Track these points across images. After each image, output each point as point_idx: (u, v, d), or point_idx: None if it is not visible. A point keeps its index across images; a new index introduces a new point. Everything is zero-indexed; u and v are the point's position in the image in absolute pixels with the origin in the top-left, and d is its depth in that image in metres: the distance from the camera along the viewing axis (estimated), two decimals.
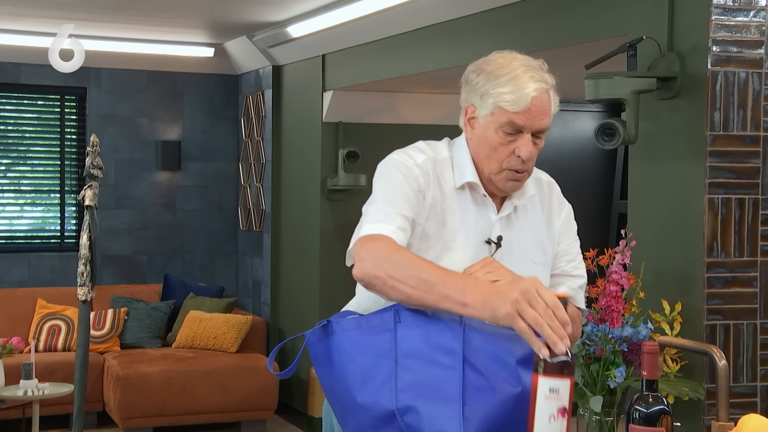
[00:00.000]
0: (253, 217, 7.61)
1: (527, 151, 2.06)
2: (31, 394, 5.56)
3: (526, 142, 2.06)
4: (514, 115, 2.04)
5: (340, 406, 1.95)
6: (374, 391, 1.84)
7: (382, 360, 1.86)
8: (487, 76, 2.07)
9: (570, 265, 2.27)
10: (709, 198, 3.39)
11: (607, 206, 7.56)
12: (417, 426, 1.80)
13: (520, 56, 2.09)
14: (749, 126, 3.42)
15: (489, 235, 2.13)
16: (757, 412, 3.02)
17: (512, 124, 2.05)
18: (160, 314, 7.24)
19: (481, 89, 2.08)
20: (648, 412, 1.66)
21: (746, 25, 3.41)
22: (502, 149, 2.08)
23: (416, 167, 2.11)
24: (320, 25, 6.04)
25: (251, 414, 6.62)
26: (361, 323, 1.91)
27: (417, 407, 1.80)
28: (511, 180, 2.11)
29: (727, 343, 3.41)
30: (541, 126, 2.06)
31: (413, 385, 1.82)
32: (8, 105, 7.50)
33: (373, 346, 1.88)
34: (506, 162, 2.08)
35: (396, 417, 1.81)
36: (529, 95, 2.02)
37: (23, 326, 7.02)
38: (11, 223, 7.59)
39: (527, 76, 2.04)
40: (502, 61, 2.08)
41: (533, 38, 4.39)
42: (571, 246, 2.28)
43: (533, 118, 2.04)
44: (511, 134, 2.06)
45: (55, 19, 6.43)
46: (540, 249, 2.19)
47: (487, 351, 1.84)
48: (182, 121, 7.82)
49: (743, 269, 3.44)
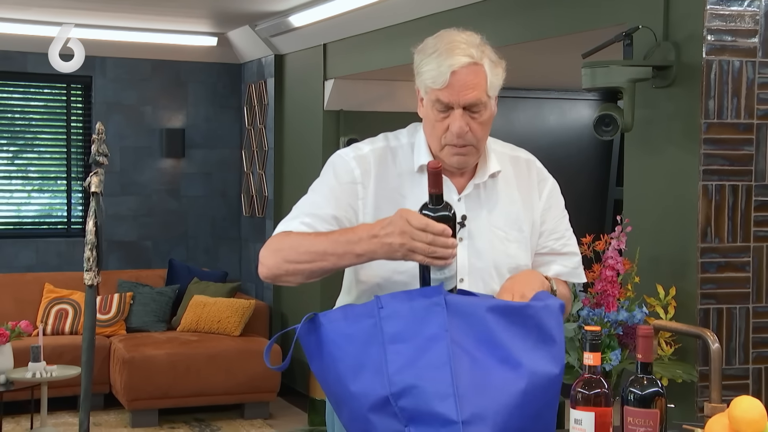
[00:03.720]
0: (255, 204, 7.61)
1: (458, 126, 2.04)
2: (39, 377, 5.57)
3: (456, 117, 2.04)
4: (438, 91, 2.03)
5: (334, 396, 1.93)
6: (366, 380, 1.83)
7: (370, 347, 1.84)
8: (419, 55, 2.08)
9: (559, 243, 2.24)
10: (703, 185, 3.39)
11: (603, 193, 7.57)
12: (412, 408, 1.78)
13: (453, 32, 2.07)
14: (743, 114, 3.42)
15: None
16: (748, 394, 3.02)
17: (439, 101, 2.05)
18: (165, 299, 7.25)
19: (416, 69, 2.10)
20: (643, 394, 1.66)
21: (740, 15, 3.41)
22: (438, 126, 2.08)
23: (353, 160, 2.13)
24: (321, 15, 6.03)
25: (254, 396, 6.64)
26: (347, 313, 1.90)
27: (410, 390, 1.79)
28: (455, 155, 2.09)
29: (720, 326, 3.42)
30: (468, 100, 2.03)
31: (403, 369, 1.81)
32: (15, 93, 7.49)
33: (359, 335, 1.86)
34: (443, 138, 2.08)
35: (390, 402, 1.80)
36: (446, 72, 2.00)
37: (31, 310, 7.03)
38: (19, 209, 7.60)
39: (449, 52, 2.01)
40: (434, 41, 2.07)
41: (531, 28, 4.38)
42: (559, 223, 2.25)
43: (457, 93, 2.02)
44: (443, 111, 2.06)
45: (60, 8, 6.42)
46: (515, 226, 2.16)
47: (473, 325, 1.84)
48: (186, 110, 7.81)
49: (736, 254, 3.44)
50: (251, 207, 7.71)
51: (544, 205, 2.22)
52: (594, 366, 1.68)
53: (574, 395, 1.74)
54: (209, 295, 7.17)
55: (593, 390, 1.74)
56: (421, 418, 1.78)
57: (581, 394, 1.64)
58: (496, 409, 1.77)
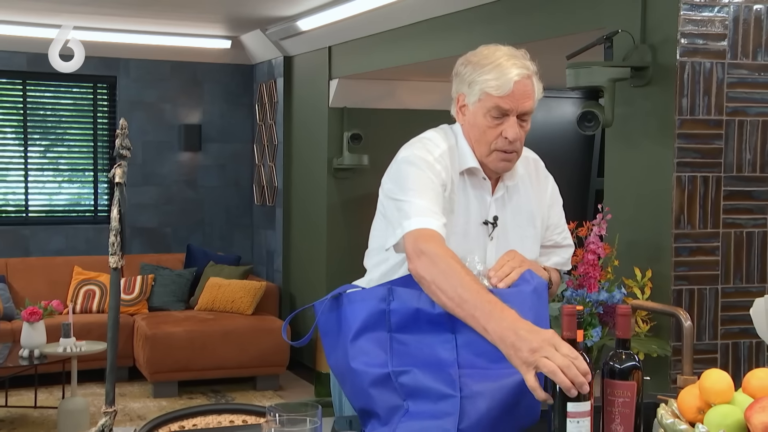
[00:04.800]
0: (266, 193, 7.61)
1: (513, 132, 2.04)
2: (69, 351, 5.58)
3: (512, 124, 2.04)
4: (499, 99, 2.03)
5: (340, 370, 1.92)
6: (370, 358, 1.82)
7: (376, 331, 1.83)
8: (473, 66, 2.06)
9: (561, 236, 2.27)
10: (677, 176, 3.39)
11: (586, 183, 7.56)
12: (411, 385, 1.78)
13: (504, 47, 2.08)
14: (713, 111, 3.41)
15: (486, 217, 2.11)
16: (717, 367, 3.03)
17: (498, 108, 2.04)
18: (183, 280, 7.26)
19: (469, 78, 2.07)
20: (621, 367, 1.66)
21: (711, 20, 3.40)
22: (491, 132, 2.06)
23: (437, 163, 2.06)
24: (327, 20, 6.01)
25: (265, 369, 6.65)
26: (364, 296, 1.88)
27: (411, 370, 1.78)
28: (502, 161, 2.08)
29: (692, 305, 3.42)
30: (524, 108, 2.05)
31: (407, 355, 1.80)
32: (47, 92, 7.48)
33: (369, 318, 1.85)
34: (494, 143, 2.06)
35: (391, 379, 1.79)
36: (511, 80, 2.01)
37: (62, 291, 7.04)
38: (50, 198, 7.59)
39: (510, 63, 2.03)
40: (486, 52, 2.07)
41: (519, 31, 4.37)
42: (560, 218, 2.27)
43: (517, 100, 2.03)
44: (498, 118, 2.05)
45: (86, 14, 6.40)
46: (531, 223, 2.17)
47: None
48: (202, 107, 7.80)
49: (707, 239, 3.44)
50: (262, 196, 7.71)
51: (548, 201, 2.23)
52: (577, 342, 1.67)
53: None
54: (224, 277, 7.17)
55: None
56: (420, 393, 1.77)
57: None
58: (495, 387, 1.76)
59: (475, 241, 2.08)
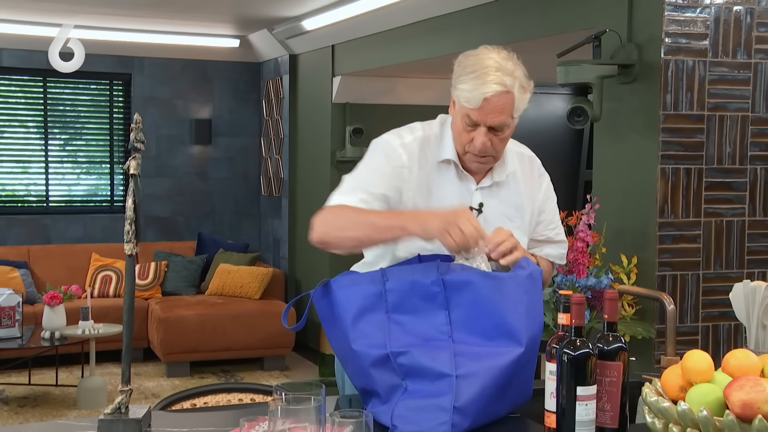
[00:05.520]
0: (273, 184, 7.60)
1: (480, 142, 1.99)
2: (88, 333, 5.59)
3: (480, 134, 1.99)
4: (469, 110, 1.97)
5: (341, 352, 1.91)
6: (369, 340, 1.80)
7: (375, 313, 1.81)
8: (460, 69, 1.99)
9: (554, 232, 2.23)
10: (661, 168, 3.39)
11: (575, 175, 7.55)
12: (409, 365, 1.76)
13: (498, 56, 1.98)
14: (696, 107, 3.41)
15: (470, 203, 2.08)
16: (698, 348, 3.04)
17: (468, 117, 1.99)
18: (194, 266, 7.26)
19: (454, 80, 2.03)
20: (608, 348, 1.66)
21: (693, 21, 3.39)
22: (464, 135, 2.03)
23: (401, 147, 2.06)
24: (330, 20, 6.00)
25: (272, 351, 6.66)
26: (355, 280, 1.86)
27: (409, 351, 1.76)
28: (475, 162, 2.05)
29: (675, 290, 3.42)
30: (493, 123, 1.97)
31: (404, 334, 1.79)
32: (66, 89, 7.47)
33: (365, 301, 1.83)
34: (467, 146, 2.03)
35: (390, 359, 1.78)
36: (481, 96, 1.93)
37: (80, 276, 7.05)
38: (69, 189, 7.59)
39: (489, 78, 1.93)
40: (475, 59, 1.98)
41: (512, 31, 4.36)
42: (554, 214, 2.24)
43: (486, 115, 1.96)
44: (470, 125, 2.00)
45: (102, 15, 6.38)
46: (519, 215, 2.14)
47: (469, 297, 1.81)
48: (212, 103, 7.78)
49: (689, 228, 3.44)
50: (269, 187, 7.70)
51: (542, 196, 2.20)
52: (567, 325, 1.67)
53: (550, 350, 1.74)
54: (233, 263, 7.17)
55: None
56: (417, 373, 1.76)
57: (555, 349, 1.64)
58: (489, 366, 1.75)
59: None
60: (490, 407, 1.76)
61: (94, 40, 6.98)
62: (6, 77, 7.25)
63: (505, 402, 1.81)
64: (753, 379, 1.42)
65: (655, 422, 1.50)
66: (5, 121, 7.29)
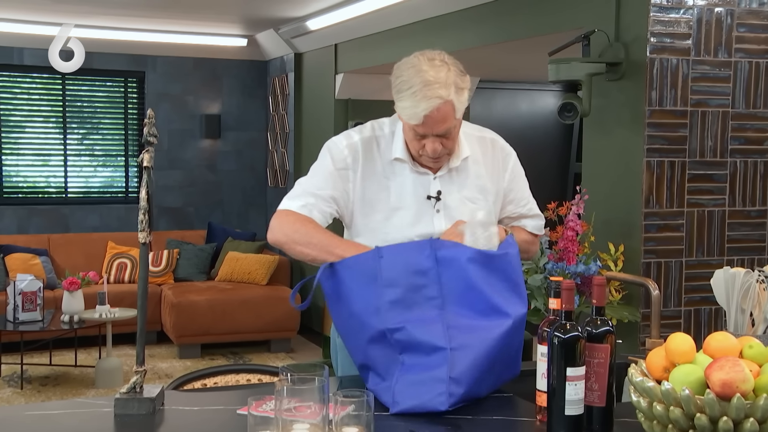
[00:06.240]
0: (279, 176, 7.60)
1: (431, 149, 1.96)
2: (104, 317, 5.60)
3: (429, 142, 1.96)
4: (413, 125, 1.95)
5: (343, 328, 1.92)
6: (368, 316, 1.81)
7: (371, 289, 1.81)
8: (398, 84, 1.95)
9: (526, 208, 2.19)
10: (646, 160, 3.39)
11: (565, 167, 7.55)
12: (405, 340, 1.77)
13: (429, 66, 1.91)
14: (679, 102, 3.40)
15: (429, 192, 2.05)
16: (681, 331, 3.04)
17: (414, 130, 1.97)
18: (205, 254, 7.26)
19: (394, 94, 1.99)
20: (596, 332, 1.66)
21: (677, 21, 3.38)
22: (415, 143, 2.00)
23: (347, 147, 2.05)
24: (333, 20, 5.98)
25: (278, 334, 6.67)
26: (358, 260, 1.85)
27: (404, 327, 1.77)
28: (431, 162, 2.03)
29: (659, 276, 3.43)
30: (438, 131, 1.93)
31: (398, 307, 1.78)
32: (83, 86, 7.46)
33: (363, 279, 1.82)
34: (420, 152, 2.00)
35: (386, 335, 1.78)
36: (421, 114, 1.89)
37: (97, 263, 7.05)
38: (87, 181, 7.58)
39: (422, 95, 1.88)
40: (409, 74, 1.93)
41: (505, 31, 4.35)
42: (523, 190, 2.19)
43: (430, 127, 1.93)
44: (418, 136, 1.97)
45: (116, 16, 6.36)
46: (483, 197, 2.09)
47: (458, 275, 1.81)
48: (221, 99, 7.77)
49: (673, 218, 3.44)
50: (275, 179, 7.70)
51: (509, 175, 2.15)
52: (557, 309, 1.67)
53: (541, 333, 1.74)
54: (241, 251, 7.18)
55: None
56: (413, 348, 1.77)
57: (547, 332, 1.64)
58: (480, 339, 1.77)
59: (420, 214, 2.03)
60: (483, 377, 1.77)
61: (110, 40, 6.97)
62: (28, 75, 7.24)
63: (495, 376, 1.82)
64: (732, 360, 1.42)
65: (640, 401, 1.50)
66: (27, 117, 7.28)
